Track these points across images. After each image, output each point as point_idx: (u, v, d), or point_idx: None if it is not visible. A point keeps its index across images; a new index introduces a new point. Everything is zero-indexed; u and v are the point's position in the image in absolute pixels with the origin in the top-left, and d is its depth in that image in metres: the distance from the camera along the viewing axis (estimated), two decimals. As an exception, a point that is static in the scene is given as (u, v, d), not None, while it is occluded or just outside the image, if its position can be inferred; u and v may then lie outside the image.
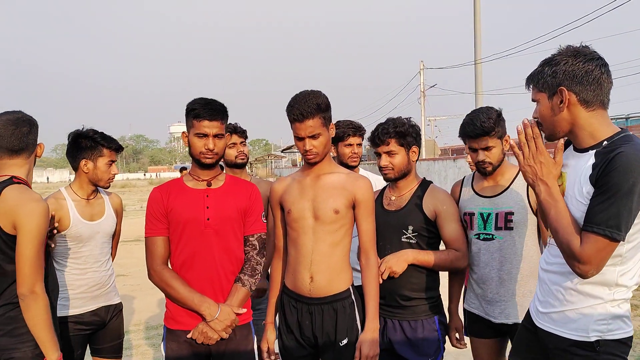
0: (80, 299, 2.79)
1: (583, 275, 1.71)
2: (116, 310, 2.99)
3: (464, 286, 2.74)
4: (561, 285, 1.86)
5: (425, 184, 2.64)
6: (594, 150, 1.76)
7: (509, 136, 2.54)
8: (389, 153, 2.55)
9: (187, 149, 2.44)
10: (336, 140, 3.22)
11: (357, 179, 2.40)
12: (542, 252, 2.41)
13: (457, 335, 2.66)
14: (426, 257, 2.49)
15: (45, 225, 2.19)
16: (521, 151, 1.85)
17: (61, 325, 2.55)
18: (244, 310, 2.37)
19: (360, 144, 3.29)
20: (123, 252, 2.25)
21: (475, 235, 2.60)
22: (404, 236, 2.54)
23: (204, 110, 2.34)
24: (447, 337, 2.64)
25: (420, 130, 2.70)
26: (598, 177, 1.67)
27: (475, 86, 18.91)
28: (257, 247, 2.46)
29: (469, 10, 19.25)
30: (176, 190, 2.42)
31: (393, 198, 2.65)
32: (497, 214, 2.53)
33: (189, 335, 2.32)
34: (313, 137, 2.31)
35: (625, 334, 1.80)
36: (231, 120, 3.33)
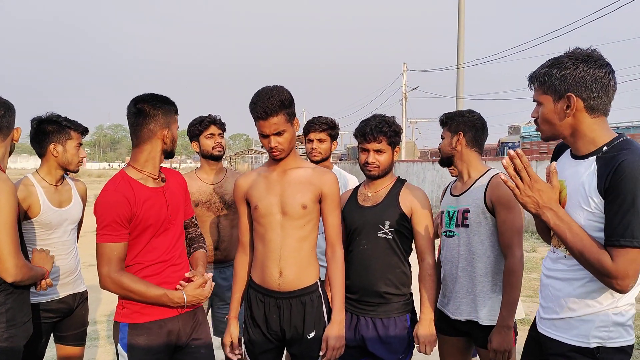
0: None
1: (623, 290, 1.65)
2: (82, 298, 2.96)
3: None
4: (564, 292, 1.82)
5: (400, 182, 2.66)
6: (594, 156, 1.72)
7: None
8: (378, 151, 2.54)
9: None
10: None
11: (324, 173, 2.41)
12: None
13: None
14: (430, 307, 2.50)
15: (15, 204, 2.12)
16: (515, 184, 1.74)
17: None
18: (210, 273, 2.37)
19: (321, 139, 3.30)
20: (92, 242, 2.18)
21: (443, 232, 2.68)
22: (381, 231, 2.53)
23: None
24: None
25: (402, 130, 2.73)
26: (607, 188, 1.63)
27: (457, 90, 19.12)
28: (197, 225, 2.59)
29: (454, 15, 19.44)
30: (139, 193, 2.21)
31: (369, 194, 2.64)
32: (458, 212, 2.59)
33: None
34: (278, 134, 2.29)
35: (626, 342, 1.76)
36: (206, 113, 3.36)
